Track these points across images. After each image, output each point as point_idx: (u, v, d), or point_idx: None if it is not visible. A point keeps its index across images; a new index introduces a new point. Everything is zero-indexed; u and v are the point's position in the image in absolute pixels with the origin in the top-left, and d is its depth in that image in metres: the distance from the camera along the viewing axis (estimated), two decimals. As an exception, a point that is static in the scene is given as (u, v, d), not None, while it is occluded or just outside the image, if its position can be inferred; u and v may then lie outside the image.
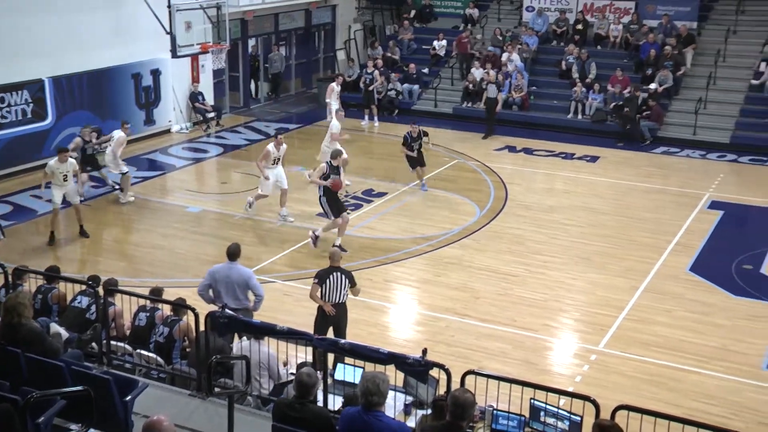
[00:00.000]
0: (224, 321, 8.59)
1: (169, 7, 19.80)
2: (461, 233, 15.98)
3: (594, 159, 21.25)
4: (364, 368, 7.90)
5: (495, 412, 7.60)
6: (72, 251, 15.17)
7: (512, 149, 22.12)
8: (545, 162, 21.13)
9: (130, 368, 9.19)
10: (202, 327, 8.65)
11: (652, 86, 23.47)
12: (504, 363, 11.15)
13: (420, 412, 8.05)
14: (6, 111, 18.68)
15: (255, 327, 8.79)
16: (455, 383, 7.22)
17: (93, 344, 9.27)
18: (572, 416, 7.32)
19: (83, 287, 10.00)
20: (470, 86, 25.16)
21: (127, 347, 9.52)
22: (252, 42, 27.37)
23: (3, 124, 18.61)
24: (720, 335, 12.07)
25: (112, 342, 9.29)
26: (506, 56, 25.34)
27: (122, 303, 9.91)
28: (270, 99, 27.99)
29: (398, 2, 30.89)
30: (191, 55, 21.95)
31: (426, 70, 27.14)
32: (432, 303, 13.18)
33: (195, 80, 23.83)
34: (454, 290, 13.55)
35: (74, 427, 6.82)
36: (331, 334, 10.31)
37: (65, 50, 19.64)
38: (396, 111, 25.75)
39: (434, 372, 7.63)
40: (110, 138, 17.38)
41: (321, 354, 8.36)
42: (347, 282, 10.50)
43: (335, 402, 8.02)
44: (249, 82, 27.36)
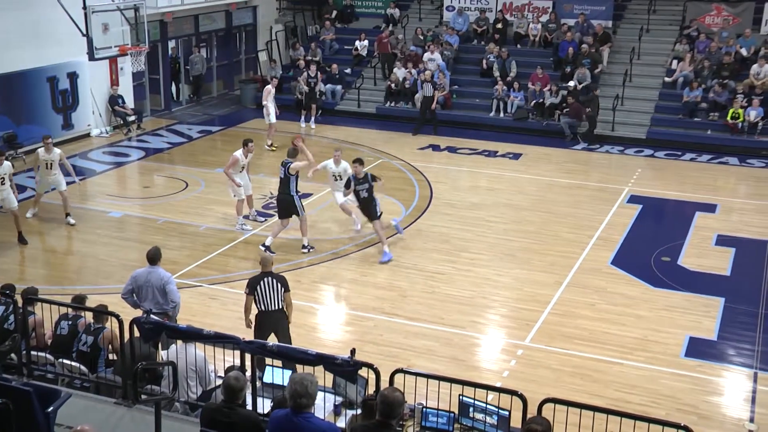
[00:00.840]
0: (149, 327, 8.44)
1: (85, 9, 19.33)
2: (387, 232, 15.99)
3: (516, 156, 21.57)
4: (293, 370, 7.87)
5: (424, 410, 7.64)
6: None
7: (436, 148, 22.29)
8: (469, 160, 21.36)
9: (53, 378, 8.96)
10: (127, 333, 8.49)
11: (571, 84, 23.94)
12: (432, 360, 11.23)
13: (350, 412, 8.04)
14: None
15: (181, 331, 8.66)
16: (384, 382, 7.24)
17: (12, 355, 9.00)
18: (500, 411, 7.40)
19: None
20: (393, 86, 25.28)
21: (49, 357, 9.27)
22: (172, 44, 26.97)
23: None
24: (641, 326, 12.38)
25: (33, 352, 9.04)
26: (428, 55, 25.52)
27: (43, 312, 9.64)
28: (192, 101, 27.62)
29: (319, 3, 30.82)
30: (109, 58, 21.49)
31: (348, 71, 27.16)
32: (359, 303, 13.20)
33: (114, 83, 23.39)
34: (382, 289, 13.59)
35: (-7, 442, 6.63)
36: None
37: (-25, 53, 19.09)
38: (320, 111, 25.69)
39: (363, 372, 7.63)
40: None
41: (260, 359, 8.26)
42: (280, 287, 10.31)
43: (264, 405, 7.96)
44: (170, 85, 26.95)
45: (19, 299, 9.34)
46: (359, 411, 7.65)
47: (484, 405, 7.50)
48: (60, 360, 9.20)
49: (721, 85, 22.79)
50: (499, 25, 26.82)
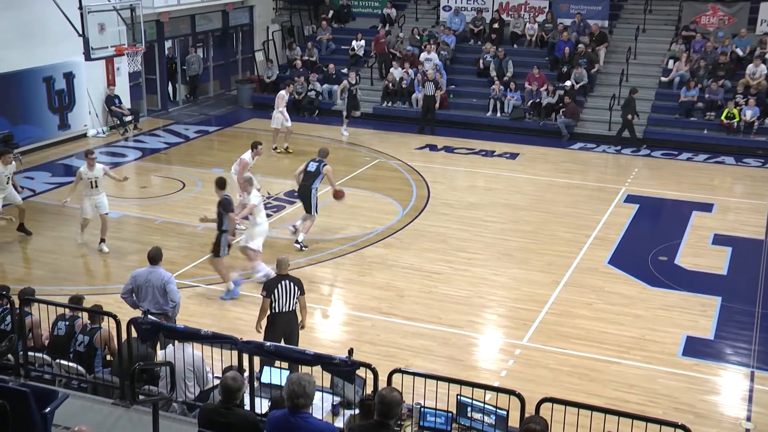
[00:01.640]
0: (147, 327, 8.43)
1: (81, 9, 19.31)
2: (385, 232, 16.03)
3: (513, 156, 21.57)
4: (291, 370, 7.86)
5: (422, 410, 7.63)
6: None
7: (433, 148, 22.29)
8: (466, 160, 21.36)
9: (50, 379, 8.93)
10: (125, 334, 8.48)
11: (568, 83, 23.97)
12: (430, 360, 11.23)
13: (348, 412, 8.04)
14: None
15: (179, 332, 8.65)
16: (382, 382, 7.24)
17: (9, 356, 8.98)
18: (498, 411, 7.40)
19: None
20: (390, 86, 25.27)
21: (46, 358, 9.26)
22: (168, 44, 26.94)
23: None
24: (638, 325, 12.39)
25: (30, 353, 9.02)
26: (424, 55, 25.52)
27: (40, 313, 9.62)
28: (188, 101, 27.60)
29: (316, 3, 30.82)
30: (106, 58, 21.48)
31: (345, 71, 27.12)
32: (357, 303, 13.19)
33: (110, 83, 23.37)
34: (379, 289, 13.58)
35: (-10, 443, 6.61)
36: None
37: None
38: (316, 112, 25.69)
39: (361, 371, 7.63)
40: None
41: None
42: (297, 290, 10.32)
43: (262, 405, 7.95)
44: (166, 85, 26.93)
45: (16, 300, 9.32)
46: (357, 411, 7.65)
47: (482, 405, 7.49)
48: (57, 360, 9.19)
49: (716, 84, 22.82)
50: (496, 25, 26.83)
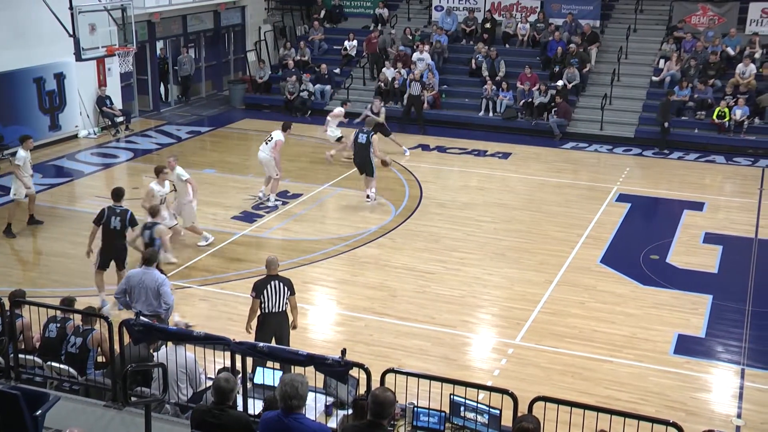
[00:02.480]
0: (139, 329, 8.42)
1: (72, 9, 19.26)
2: (377, 232, 16.04)
3: (506, 155, 21.60)
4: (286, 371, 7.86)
5: (416, 409, 7.64)
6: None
7: (425, 148, 22.30)
8: (458, 159, 21.38)
9: (41, 381, 8.91)
10: (117, 335, 8.46)
11: (560, 83, 24.01)
12: (423, 360, 11.25)
13: (341, 413, 8.05)
14: None
15: (171, 333, 8.65)
16: (375, 382, 7.24)
17: None
18: (491, 410, 7.42)
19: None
20: (382, 86, 25.29)
21: (37, 360, 9.23)
22: (160, 44, 26.90)
23: None
24: (630, 324, 12.43)
25: (21, 355, 8.99)
26: (417, 55, 25.54)
27: (30, 315, 9.59)
28: (180, 102, 27.55)
29: (308, 3, 30.80)
30: (97, 59, 21.43)
31: (337, 71, 27.15)
32: (350, 303, 13.20)
33: (102, 84, 23.31)
34: (372, 289, 13.59)
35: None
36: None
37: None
38: (309, 112, 25.68)
39: (354, 372, 7.64)
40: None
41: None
42: (286, 290, 10.28)
43: (255, 406, 7.95)
44: (158, 86, 26.87)
45: (6, 302, 9.29)
46: (350, 411, 7.66)
47: (475, 404, 7.51)
48: (48, 363, 9.16)
49: (702, 83, 22.90)
50: (488, 25, 26.86)
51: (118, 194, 12.87)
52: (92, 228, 12.72)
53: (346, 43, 27.66)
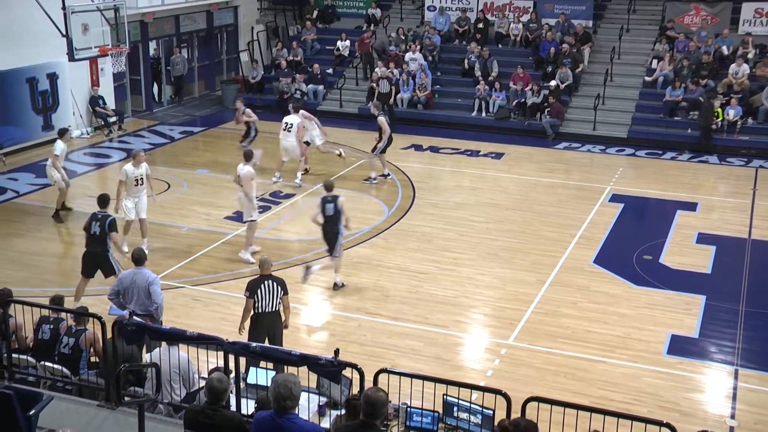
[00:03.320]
0: (132, 329, 8.40)
1: (64, 9, 19.20)
2: (370, 233, 16.03)
3: (499, 156, 21.62)
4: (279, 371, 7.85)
5: (409, 410, 7.64)
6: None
7: (418, 148, 22.30)
8: (451, 160, 21.38)
9: (34, 381, 8.88)
10: (110, 335, 8.44)
11: (553, 83, 24.04)
12: (416, 360, 11.24)
13: (334, 413, 8.04)
14: None
15: (164, 333, 8.63)
16: (368, 382, 7.24)
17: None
18: (484, 410, 7.42)
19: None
20: (375, 86, 25.29)
21: (30, 360, 9.20)
22: (153, 44, 26.84)
23: None
24: (623, 324, 12.44)
25: (14, 355, 8.96)
26: (409, 55, 25.54)
27: (24, 314, 9.54)
28: (173, 102, 27.50)
29: (301, 3, 30.77)
30: (89, 59, 21.38)
31: (330, 71, 27.14)
32: (343, 303, 13.18)
33: (95, 84, 23.25)
34: (365, 290, 13.58)
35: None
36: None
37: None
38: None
39: (347, 372, 7.64)
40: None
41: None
42: (280, 290, 10.29)
43: (248, 406, 7.94)
44: (151, 86, 26.82)
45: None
46: (343, 411, 7.65)
47: (469, 404, 7.51)
48: (42, 363, 9.14)
49: (694, 83, 22.94)
50: (480, 25, 26.88)
51: (104, 200, 12.78)
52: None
53: (339, 44, 27.65)
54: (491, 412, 7.39)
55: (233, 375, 7.89)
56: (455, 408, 7.56)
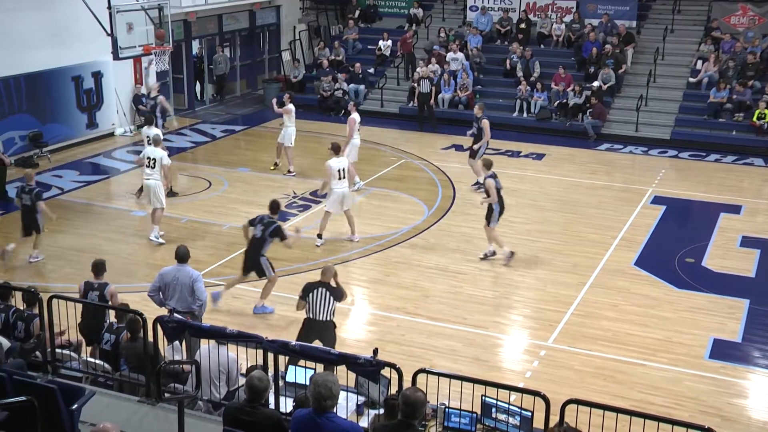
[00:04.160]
0: (173, 326, 8.49)
1: (110, 8, 19.49)
2: (410, 232, 16.03)
3: (540, 156, 21.48)
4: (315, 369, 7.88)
5: (447, 410, 7.64)
6: (14, 259, 14.81)
7: (459, 148, 22.21)
8: (492, 160, 21.20)
9: (77, 376, 9.02)
10: (151, 332, 8.54)
11: (596, 84, 23.83)
12: (455, 361, 11.22)
13: (372, 412, 8.05)
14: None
15: (204, 330, 8.70)
16: (407, 382, 7.23)
17: (37, 353, 9.07)
18: (523, 412, 7.39)
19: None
20: (416, 86, 25.26)
21: (73, 355, 9.34)
22: (196, 43, 27.09)
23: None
24: (664, 328, 12.29)
25: (57, 350, 9.11)
26: (450, 55, 25.49)
27: (67, 309, 9.67)
28: (215, 101, 27.74)
29: (343, 2, 30.86)
30: (133, 57, 21.66)
31: (372, 70, 27.17)
32: (382, 303, 13.20)
33: (138, 82, 23.53)
34: (404, 289, 13.58)
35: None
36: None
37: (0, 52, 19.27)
38: (343, 111, 25.68)
39: (386, 371, 7.64)
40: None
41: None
42: (332, 300, 10.25)
43: (287, 404, 7.98)
44: (193, 84, 27.09)
45: (44, 297, 9.38)
46: (382, 411, 7.66)
47: (507, 405, 7.48)
48: (83, 358, 9.28)
49: (742, 84, 22.59)
50: (523, 25, 26.75)
51: (274, 207, 13.00)
52: None
53: (381, 43, 27.68)
54: (530, 414, 7.35)
55: (272, 373, 7.93)
56: (493, 409, 7.53)
